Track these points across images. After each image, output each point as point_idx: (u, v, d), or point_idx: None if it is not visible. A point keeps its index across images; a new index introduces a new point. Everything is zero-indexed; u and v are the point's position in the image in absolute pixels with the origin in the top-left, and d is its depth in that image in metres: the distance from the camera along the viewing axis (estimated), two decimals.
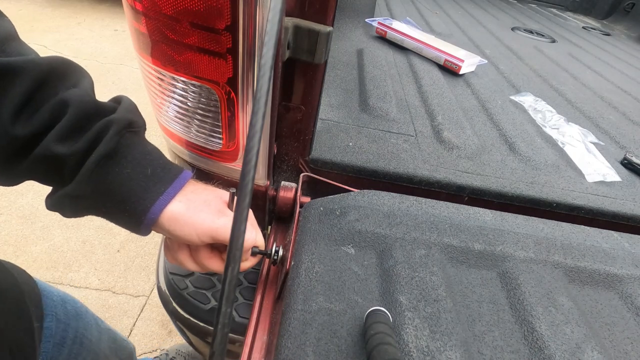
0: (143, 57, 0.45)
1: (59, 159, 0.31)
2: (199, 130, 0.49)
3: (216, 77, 0.42)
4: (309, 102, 0.51)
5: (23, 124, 0.29)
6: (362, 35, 1.16)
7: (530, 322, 0.42)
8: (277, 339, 0.38)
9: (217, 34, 0.38)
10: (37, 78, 0.30)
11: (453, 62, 1.02)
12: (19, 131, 0.29)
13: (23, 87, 0.29)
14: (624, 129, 0.94)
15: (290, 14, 0.43)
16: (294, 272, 0.43)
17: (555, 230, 0.55)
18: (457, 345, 0.38)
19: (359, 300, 0.41)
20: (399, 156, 0.64)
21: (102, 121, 0.33)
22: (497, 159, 0.70)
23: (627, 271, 0.51)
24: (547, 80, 1.15)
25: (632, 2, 2.19)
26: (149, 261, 1.48)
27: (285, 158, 0.58)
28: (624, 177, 0.73)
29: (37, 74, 0.30)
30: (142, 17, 0.41)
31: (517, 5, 2.26)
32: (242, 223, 0.17)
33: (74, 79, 0.34)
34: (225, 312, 0.16)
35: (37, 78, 0.30)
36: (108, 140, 0.32)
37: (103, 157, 0.32)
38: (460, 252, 0.49)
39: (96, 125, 0.32)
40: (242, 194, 0.18)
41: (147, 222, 0.35)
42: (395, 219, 0.50)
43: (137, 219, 0.35)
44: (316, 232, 0.48)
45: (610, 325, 0.45)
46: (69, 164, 0.32)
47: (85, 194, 0.33)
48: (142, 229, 0.36)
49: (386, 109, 0.77)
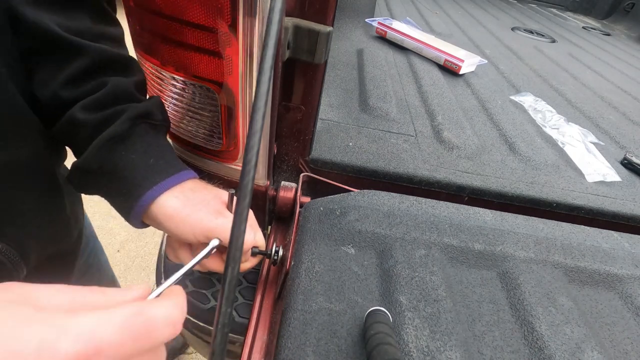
0: (143, 57, 0.45)
1: (77, 125, 0.35)
2: (199, 130, 0.49)
3: (216, 77, 0.42)
4: (309, 102, 0.51)
5: (70, 90, 0.35)
6: (362, 35, 1.16)
7: (530, 322, 0.42)
8: (277, 339, 0.38)
9: (217, 34, 0.38)
10: (96, 61, 0.36)
11: (453, 62, 1.02)
12: (64, 94, 0.35)
13: (82, 64, 0.35)
14: (624, 129, 0.94)
15: (290, 14, 0.43)
16: (294, 272, 0.43)
17: (555, 230, 0.55)
18: (457, 345, 0.38)
19: (359, 300, 0.41)
20: (399, 156, 0.64)
21: (123, 105, 0.36)
22: (497, 159, 0.70)
23: (627, 271, 0.51)
24: (547, 80, 1.15)
25: (632, 2, 2.19)
26: (149, 261, 1.48)
27: (285, 158, 0.58)
28: (624, 177, 0.73)
29: (98, 58, 0.36)
30: (142, 17, 0.41)
31: (517, 5, 2.26)
32: (242, 223, 0.17)
33: (127, 72, 0.40)
34: (225, 312, 0.16)
35: (97, 61, 0.36)
36: (121, 122, 0.35)
37: (113, 137, 0.35)
38: (460, 252, 0.49)
39: (117, 107, 0.36)
40: (242, 194, 0.18)
41: (137, 209, 0.35)
42: (395, 219, 0.50)
43: (130, 204, 0.36)
44: (316, 232, 0.48)
45: (610, 325, 0.45)
46: (83, 134, 0.35)
47: (92, 169, 0.35)
48: (133, 217, 0.36)
49: (386, 109, 0.77)
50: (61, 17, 0.34)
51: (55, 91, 0.35)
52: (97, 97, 0.36)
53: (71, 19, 0.35)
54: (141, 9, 0.40)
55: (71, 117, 0.35)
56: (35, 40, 0.33)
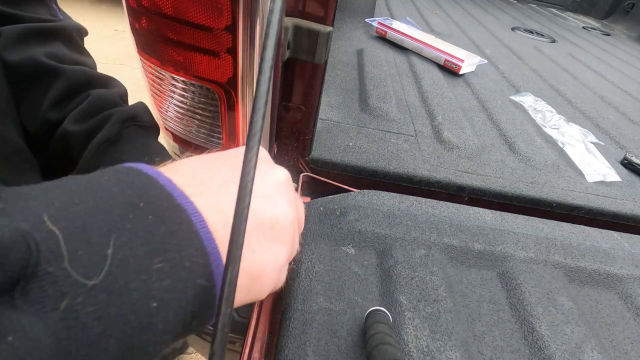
0: (143, 57, 0.45)
1: (70, 137, 0.36)
2: (199, 130, 0.49)
3: (216, 77, 0.42)
4: (309, 102, 0.51)
5: (57, 111, 0.37)
6: (362, 35, 1.16)
7: (530, 322, 0.42)
8: (277, 339, 0.38)
9: (217, 34, 0.38)
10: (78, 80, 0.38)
11: (453, 62, 1.02)
12: (52, 116, 0.37)
13: (64, 84, 0.37)
14: (624, 129, 0.94)
15: (290, 14, 0.43)
16: (294, 272, 0.43)
17: (555, 230, 0.55)
18: (457, 345, 0.38)
19: (359, 300, 0.41)
20: (399, 156, 0.64)
21: (109, 110, 0.38)
22: (497, 159, 0.70)
23: (627, 271, 0.51)
24: (547, 80, 1.15)
25: (632, 2, 2.19)
26: None
27: (285, 158, 0.58)
28: (624, 177, 0.73)
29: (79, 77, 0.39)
30: (142, 17, 0.41)
31: (517, 5, 2.26)
32: (242, 223, 0.17)
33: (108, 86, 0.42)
34: (225, 312, 0.16)
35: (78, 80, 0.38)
36: (110, 126, 0.37)
37: (104, 141, 0.36)
38: (460, 252, 0.49)
39: (104, 113, 0.38)
40: (242, 194, 0.18)
41: None
42: (395, 219, 0.50)
43: None
44: (316, 232, 0.48)
45: (610, 325, 0.45)
46: (76, 145, 0.36)
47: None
48: None
49: (386, 109, 0.77)
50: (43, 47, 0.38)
51: (43, 115, 0.37)
52: (83, 108, 0.37)
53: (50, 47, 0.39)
54: (141, 8, 0.40)
55: (63, 131, 0.36)
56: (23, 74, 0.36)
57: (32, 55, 0.36)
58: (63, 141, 0.37)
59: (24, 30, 0.37)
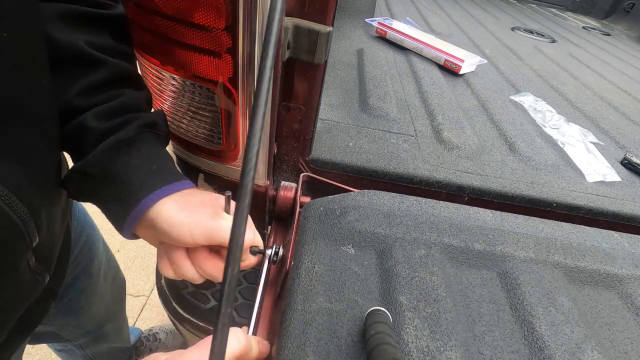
0: (143, 56, 0.45)
1: (86, 131, 0.36)
2: (199, 130, 0.49)
3: (216, 77, 0.42)
4: (309, 102, 0.51)
5: (84, 99, 0.37)
6: (362, 35, 1.16)
7: (530, 322, 0.42)
8: (277, 339, 0.38)
9: (217, 34, 0.38)
10: (114, 74, 0.38)
11: (453, 62, 1.02)
12: (78, 102, 0.37)
13: (100, 75, 0.37)
14: (624, 129, 0.94)
15: (290, 14, 0.43)
16: (294, 272, 0.43)
17: (555, 230, 0.55)
18: (457, 345, 0.38)
19: (359, 300, 0.41)
20: (399, 156, 0.64)
21: (132, 114, 0.38)
22: (497, 159, 0.70)
23: (627, 271, 0.51)
24: (547, 80, 1.15)
25: (632, 2, 2.19)
26: (149, 261, 1.48)
27: (285, 158, 0.58)
28: (624, 177, 0.73)
29: (117, 71, 0.39)
30: (142, 17, 0.41)
31: (517, 5, 2.26)
32: (242, 223, 0.17)
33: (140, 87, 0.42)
34: (225, 312, 0.16)
35: (115, 74, 0.39)
36: (128, 130, 0.37)
37: (118, 142, 0.36)
38: (460, 252, 0.49)
39: (127, 115, 0.38)
40: (242, 194, 0.18)
41: (135, 213, 0.35)
42: (395, 219, 0.50)
43: (126, 210, 0.36)
44: (316, 232, 0.48)
45: (610, 325, 0.45)
46: (89, 140, 0.36)
47: (93, 172, 0.36)
48: (128, 222, 0.36)
49: (386, 109, 0.77)
50: (86, 34, 0.38)
51: (68, 99, 0.36)
52: (112, 106, 0.37)
53: (95, 35, 0.38)
54: (141, 8, 0.40)
55: (82, 123, 0.36)
56: (62, 56, 0.36)
57: (76, 41, 0.36)
58: (77, 132, 0.37)
59: (75, 12, 0.37)
